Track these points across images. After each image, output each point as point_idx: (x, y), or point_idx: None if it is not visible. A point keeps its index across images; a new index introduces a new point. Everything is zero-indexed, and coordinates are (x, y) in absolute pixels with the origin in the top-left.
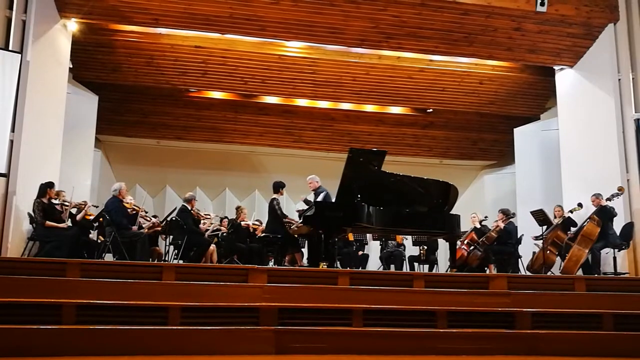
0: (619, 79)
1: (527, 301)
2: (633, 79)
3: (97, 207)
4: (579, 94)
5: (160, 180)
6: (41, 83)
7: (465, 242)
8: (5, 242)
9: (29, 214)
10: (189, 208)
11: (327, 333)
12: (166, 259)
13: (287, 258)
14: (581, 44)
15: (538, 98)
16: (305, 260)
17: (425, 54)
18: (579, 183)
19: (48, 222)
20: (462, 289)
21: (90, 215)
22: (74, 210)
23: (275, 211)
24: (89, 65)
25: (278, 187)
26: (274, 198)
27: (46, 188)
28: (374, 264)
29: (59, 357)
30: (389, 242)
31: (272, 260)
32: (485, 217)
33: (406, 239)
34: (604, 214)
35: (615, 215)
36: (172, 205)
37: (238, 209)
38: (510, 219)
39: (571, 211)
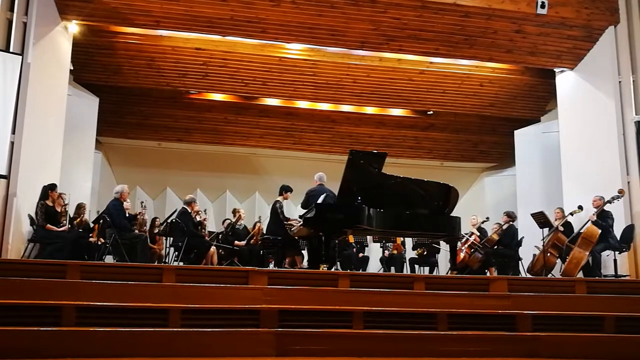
0: (620, 81)
1: (527, 303)
2: (633, 81)
3: (82, 204)
4: (579, 96)
5: (161, 182)
6: (42, 85)
7: (467, 244)
8: (6, 243)
9: (30, 216)
10: (189, 210)
11: (328, 335)
12: (166, 261)
13: (287, 260)
14: (582, 46)
15: (538, 100)
16: (305, 263)
17: (425, 56)
18: (579, 185)
19: (49, 225)
20: (462, 291)
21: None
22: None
23: (277, 214)
24: (89, 67)
25: (283, 190)
26: (277, 200)
27: (48, 190)
28: (374, 266)
29: (58, 359)
30: (387, 244)
31: (273, 262)
32: (487, 218)
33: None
34: (602, 218)
35: (612, 219)
36: (172, 208)
37: (234, 211)
38: (512, 222)
39: (572, 213)
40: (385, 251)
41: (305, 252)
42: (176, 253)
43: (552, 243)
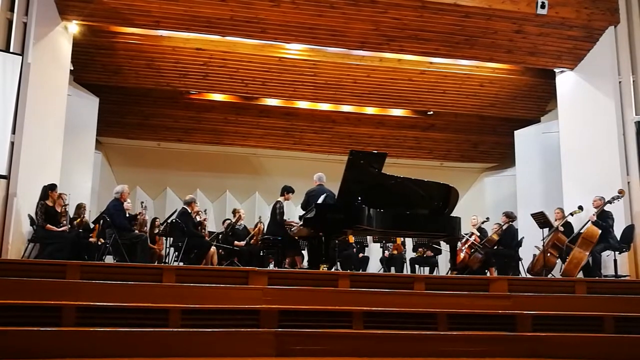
0: (620, 82)
1: (527, 304)
2: (633, 81)
3: (82, 204)
4: (579, 97)
5: (161, 182)
6: (42, 85)
7: (467, 244)
8: (6, 244)
9: (30, 216)
10: (189, 211)
11: (328, 335)
12: (166, 261)
13: (287, 260)
14: (582, 46)
15: (538, 100)
16: (305, 263)
17: (426, 56)
18: (580, 186)
19: (49, 226)
20: (462, 291)
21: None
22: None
23: (276, 214)
24: (89, 67)
25: (284, 191)
26: (278, 201)
27: (48, 190)
28: (374, 266)
29: (58, 359)
30: (388, 244)
31: (273, 262)
32: (487, 218)
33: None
34: (602, 218)
35: (612, 220)
36: (172, 208)
37: (234, 211)
38: (511, 222)
39: (572, 214)
40: (386, 251)
41: (305, 253)
42: (176, 253)
43: (552, 243)
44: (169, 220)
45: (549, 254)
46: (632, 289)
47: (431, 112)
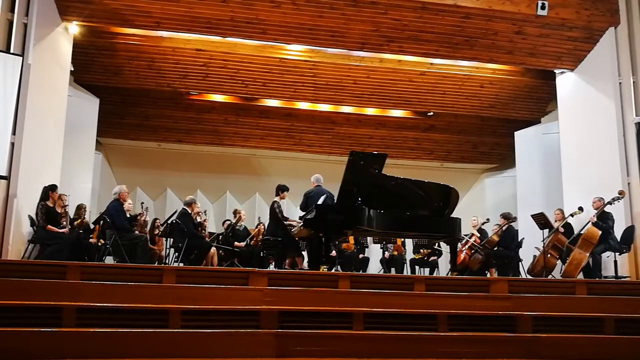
0: (620, 83)
1: (528, 305)
2: (634, 82)
3: (83, 205)
4: (579, 98)
5: (161, 183)
6: (42, 86)
7: (467, 245)
8: (6, 244)
9: (30, 217)
10: (190, 211)
11: (328, 336)
12: (166, 262)
13: (287, 261)
14: (582, 47)
15: (539, 101)
16: (305, 264)
17: (426, 57)
18: (580, 187)
19: (49, 227)
20: (463, 292)
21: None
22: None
23: (276, 214)
24: (90, 68)
25: (279, 190)
26: (275, 201)
27: (48, 191)
28: (374, 267)
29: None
30: (388, 245)
31: (273, 263)
32: (487, 219)
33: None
34: (602, 219)
35: (612, 221)
36: (172, 209)
37: (235, 212)
38: (511, 223)
39: (572, 215)
40: (386, 252)
41: (305, 253)
42: (176, 254)
43: (552, 244)
44: (169, 221)
45: (549, 255)
46: (633, 290)
47: (431, 113)
